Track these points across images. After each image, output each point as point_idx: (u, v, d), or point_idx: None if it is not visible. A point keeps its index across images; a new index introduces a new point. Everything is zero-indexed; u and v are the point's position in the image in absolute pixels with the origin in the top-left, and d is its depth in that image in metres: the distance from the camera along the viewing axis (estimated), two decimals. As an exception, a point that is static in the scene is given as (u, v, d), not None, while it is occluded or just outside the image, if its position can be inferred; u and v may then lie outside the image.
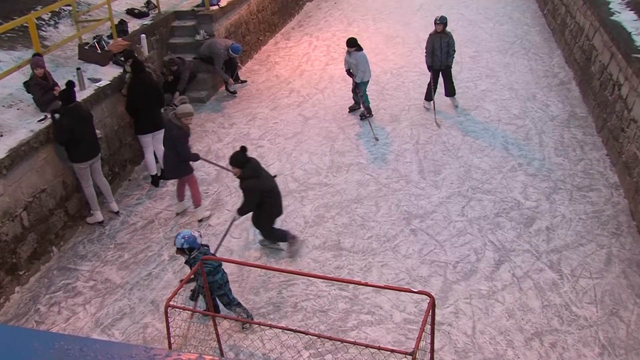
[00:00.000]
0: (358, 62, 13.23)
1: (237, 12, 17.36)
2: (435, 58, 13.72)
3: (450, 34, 13.79)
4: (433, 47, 13.67)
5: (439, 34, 13.65)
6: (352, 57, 13.32)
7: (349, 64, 13.45)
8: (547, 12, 20.83)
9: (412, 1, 23.61)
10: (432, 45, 13.68)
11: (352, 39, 13.49)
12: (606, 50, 12.93)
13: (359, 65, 13.24)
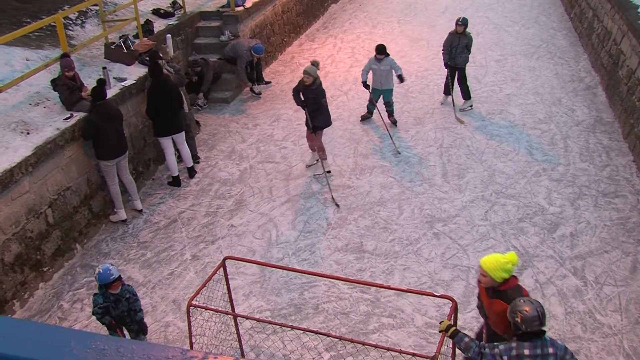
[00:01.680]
0: (392, 65, 12.98)
1: (262, 13, 17.41)
2: (451, 57, 13.97)
3: (469, 35, 13.85)
4: (450, 46, 13.92)
5: (458, 34, 13.81)
6: (384, 63, 12.96)
7: (378, 72, 13.05)
8: (573, 16, 20.67)
9: (437, 4, 23.55)
10: (450, 44, 13.92)
11: (383, 46, 13.08)
12: (634, 55, 12.81)
13: (395, 67, 12.97)
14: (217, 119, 14.48)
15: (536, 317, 5.25)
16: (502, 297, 5.88)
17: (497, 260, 5.87)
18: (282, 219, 10.56)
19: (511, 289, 5.87)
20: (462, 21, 13.76)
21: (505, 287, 5.90)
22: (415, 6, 23.32)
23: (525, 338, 5.27)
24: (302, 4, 20.71)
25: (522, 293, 5.79)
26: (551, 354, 5.23)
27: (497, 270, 5.84)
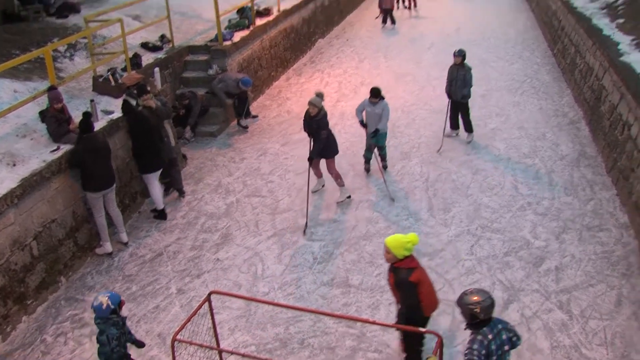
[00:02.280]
0: (384, 111, 12.43)
1: (250, 48, 17.53)
2: (451, 89, 14.09)
3: (468, 67, 13.96)
4: (451, 78, 14.06)
5: (456, 66, 13.95)
6: (378, 106, 12.37)
7: (372, 115, 12.50)
8: (556, 52, 20.94)
9: (424, 39, 23.83)
10: (450, 75, 14.07)
11: (378, 89, 12.48)
12: (616, 91, 12.96)
13: (384, 114, 12.45)
14: (204, 153, 14.47)
15: (491, 304, 5.83)
16: (394, 272, 7.02)
17: (400, 240, 6.91)
18: (268, 253, 10.51)
19: (404, 268, 6.95)
20: (458, 52, 13.96)
21: (400, 264, 6.96)
22: (401, 42, 23.58)
23: (482, 325, 5.85)
24: (290, 38, 20.88)
25: (410, 273, 6.90)
26: (501, 329, 5.96)
27: (399, 249, 6.88)
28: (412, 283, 6.91)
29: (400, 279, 6.95)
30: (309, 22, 23.21)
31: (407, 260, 6.97)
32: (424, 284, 7.06)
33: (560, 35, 20.97)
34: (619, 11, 17.01)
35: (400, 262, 6.95)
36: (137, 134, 11.21)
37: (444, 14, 28.99)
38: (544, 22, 25.36)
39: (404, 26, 26.61)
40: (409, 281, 6.90)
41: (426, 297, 7.10)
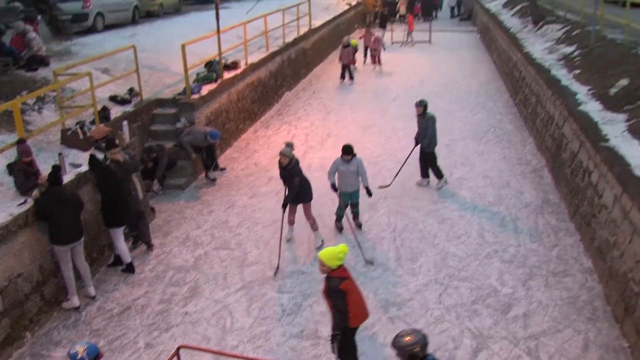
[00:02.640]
0: (360, 167, 12.32)
1: (218, 101, 17.63)
2: (418, 137, 14.62)
3: (429, 117, 14.43)
4: (418, 129, 14.59)
5: (419, 116, 14.44)
6: (353, 164, 12.25)
7: (347, 173, 12.33)
8: (518, 102, 21.39)
9: (388, 91, 24.20)
10: (418, 125, 14.65)
11: (350, 147, 12.31)
12: (575, 139, 13.25)
13: (361, 170, 12.36)
14: (172, 206, 14.41)
15: (426, 341, 5.97)
16: (327, 280, 7.70)
17: (332, 251, 7.65)
18: (237, 306, 10.41)
19: (337, 277, 7.63)
20: (419, 102, 14.49)
21: (333, 274, 7.65)
22: (366, 94, 23.91)
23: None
24: (257, 91, 21.07)
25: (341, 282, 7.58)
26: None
27: (332, 259, 7.61)
28: (342, 291, 7.58)
29: (331, 286, 7.63)
30: (276, 75, 23.48)
31: (340, 270, 7.69)
32: (352, 293, 7.73)
33: (521, 85, 21.45)
34: (576, 62, 17.51)
35: (334, 272, 7.65)
36: (104, 188, 11.15)
37: (408, 66, 29.50)
38: (505, 73, 25.94)
39: (369, 79, 27.03)
40: (339, 289, 7.57)
41: (354, 306, 7.75)
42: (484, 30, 37.89)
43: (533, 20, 26.34)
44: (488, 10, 38.02)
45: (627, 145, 10.90)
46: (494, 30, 32.69)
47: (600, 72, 15.51)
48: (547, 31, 23.42)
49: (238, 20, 22.20)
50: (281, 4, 29.90)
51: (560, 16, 25.10)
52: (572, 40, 20.14)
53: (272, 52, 23.34)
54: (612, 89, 13.88)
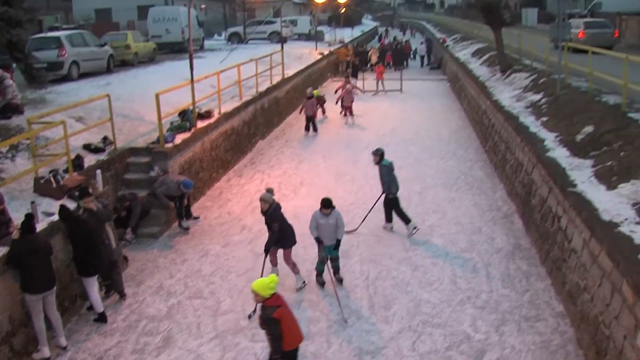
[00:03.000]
0: (339, 220, 12.12)
1: (191, 150, 17.65)
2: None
3: (386, 164, 14.80)
4: None
5: (377, 164, 14.93)
6: (332, 217, 12.06)
7: (326, 226, 12.10)
8: (488, 149, 21.66)
9: (360, 140, 24.39)
10: None
11: (329, 200, 12.14)
12: (544, 185, 13.44)
13: (340, 223, 12.17)
14: (145, 255, 14.27)
15: None
16: (262, 310, 8.21)
17: (263, 282, 8.18)
18: (210, 355, 10.26)
19: (270, 306, 8.08)
20: (374, 151, 14.90)
21: (267, 302, 8.11)
22: (339, 142, 24.07)
23: None
24: (230, 140, 21.13)
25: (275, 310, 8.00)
26: None
27: (264, 289, 8.09)
28: (276, 319, 8.02)
29: (266, 315, 8.09)
30: (249, 124, 23.61)
31: (273, 299, 8.13)
32: (286, 320, 8.15)
33: (490, 132, 21.76)
34: (543, 110, 17.87)
35: (268, 301, 8.10)
36: (77, 237, 11.05)
37: (380, 115, 29.86)
38: (475, 120, 26.34)
39: (341, 128, 27.25)
40: (272, 317, 8.01)
41: (288, 332, 8.17)
42: (454, 79, 38.55)
43: (501, 69, 26.94)
44: (457, 59, 38.78)
45: (594, 190, 11.09)
46: (464, 79, 33.30)
47: (566, 119, 15.84)
48: (515, 79, 23.93)
49: (212, 69, 22.41)
50: (254, 54, 30.27)
51: (527, 65, 25.68)
52: (538, 88, 20.59)
53: (246, 101, 23.55)
54: (578, 136, 14.17)
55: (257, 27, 48.41)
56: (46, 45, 23.79)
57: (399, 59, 48.98)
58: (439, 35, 65.78)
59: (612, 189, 10.86)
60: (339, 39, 57.37)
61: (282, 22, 41.37)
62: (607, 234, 9.29)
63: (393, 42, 57.46)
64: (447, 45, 50.66)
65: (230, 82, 23.41)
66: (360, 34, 76.10)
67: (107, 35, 31.83)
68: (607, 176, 11.47)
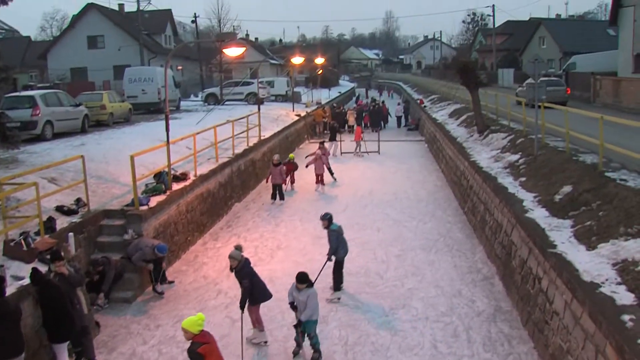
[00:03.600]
0: (309, 300, 11.68)
1: (167, 212, 17.59)
2: None
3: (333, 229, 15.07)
4: None
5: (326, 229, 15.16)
6: (302, 294, 11.73)
7: (297, 300, 11.87)
8: (467, 210, 21.81)
9: (338, 202, 24.48)
10: None
11: (304, 275, 11.80)
12: (524, 246, 13.53)
13: (309, 304, 11.75)
14: (118, 320, 14.06)
15: None
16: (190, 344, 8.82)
17: (192, 320, 8.91)
18: None
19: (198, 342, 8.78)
20: (322, 216, 15.23)
21: (196, 339, 8.82)
22: (317, 204, 24.09)
23: None
24: (207, 203, 21.11)
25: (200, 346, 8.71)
26: None
27: (193, 326, 8.85)
28: (200, 354, 8.66)
29: (192, 349, 8.72)
30: (225, 187, 23.64)
31: (201, 336, 8.85)
32: (211, 357, 8.80)
33: (469, 193, 21.96)
34: (521, 170, 18.12)
35: (196, 337, 8.80)
36: (47, 302, 10.90)
37: (358, 176, 30.05)
38: (453, 181, 26.58)
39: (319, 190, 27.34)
40: (197, 352, 8.65)
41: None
42: (432, 140, 39.03)
43: (478, 129, 27.38)
44: (435, 120, 39.35)
45: (574, 251, 11.20)
46: (441, 140, 33.73)
47: (544, 179, 16.07)
48: (492, 140, 24.30)
49: (188, 130, 22.57)
50: (231, 115, 30.57)
51: (505, 125, 26.09)
52: (516, 148, 20.92)
53: (222, 163, 23.63)
54: (556, 196, 14.35)
55: (234, 88, 49.06)
56: (20, 104, 23.88)
57: (377, 120, 49.60)
58: (417, 96, 66.94)
59: (592, 249, 10.99)
60: (316, 100, 58.12)
61: (259, 83, 41.87)
62: (588, 295, 9.36)
63: (370, 103, 58.24)
64: (425, 106, 51.47)
65: (207, 143, 23.54)
66: (338, 95, 77.15)
67: (82, 94, 32.06)
68: (586, 236, 11.61)
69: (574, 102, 34.52)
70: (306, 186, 27.67)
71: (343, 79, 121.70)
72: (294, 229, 20.82)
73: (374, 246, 18.31)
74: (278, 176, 24.92)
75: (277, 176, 24.92)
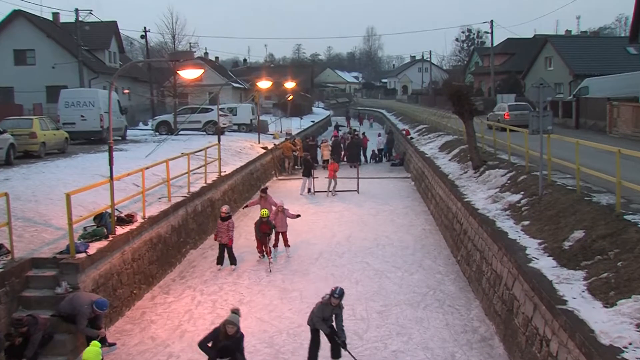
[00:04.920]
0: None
1: (109, 261, 17.29)
2: None
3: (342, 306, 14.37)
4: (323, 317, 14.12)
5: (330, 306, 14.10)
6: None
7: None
8: (460, 259, 21.75)
9: (311, 249, 24.29)
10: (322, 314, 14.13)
11: None
12: (528, 301, 13.41)
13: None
14: (47, 391, 13.71)
15: None
16: None
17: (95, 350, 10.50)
18: None
19: None
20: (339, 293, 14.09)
21: None
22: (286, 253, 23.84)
23: None
24: (156, 250, 20.85)
25: None
26: None
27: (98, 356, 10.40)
28: None
29: None
30: (179, 231, 23.40)
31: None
32: None
33: (463, 239, 21.92)
34: (524, 212, 18.09)
35: None
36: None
37: (333, 220, 29.92)
38: (444, 225, 26.57)
39: (289, 234, 27.04)
40: None
41: None
42: (419, 177, 39.15)
43: (473, 165, 27.45)
44: (423, 154, 39.48)
45: (588, 307, 11.09)
46: (430, 177, 33.83)
47: (551, 222, 16.03)
48: (490, 177, 24.36)
49: (135, 165, 22.41)
50: (186, 147, 30.44)
51: (504, 160, 26.19)
52: (518, 187, 20.95)
53: (175, 204, 23.40)
54: (565, 242, 14.29)
55: (190, 116, 48.90)
56: None
57: (355, 155, 49.60)
58: (402, 126, 67.34)
59: (611, 306, 10.89)
60: (286, 131, 58.23)
61: (219, 110, 41.81)
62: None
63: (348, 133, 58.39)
64: (412, 138, 51.73)
65: (158, 180, 23.34)
66: (311, 125, 77.48)
67: (7, 120, 31.70)
68: (603, 290, 11.52)
69: (586, 134, 34.70)
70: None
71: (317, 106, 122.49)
72: (259, 281, 20.57)
73: (352, 301, 18.09)
74: (225, 233, 22.34)
75: (224, 233, 22.36)
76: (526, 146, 22.69)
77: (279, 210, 24.07)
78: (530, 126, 18.60)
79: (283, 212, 24.00)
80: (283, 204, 24.61)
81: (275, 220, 23.44)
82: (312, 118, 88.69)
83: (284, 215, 23.98)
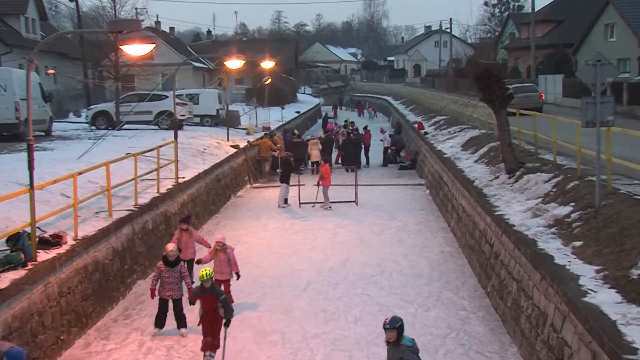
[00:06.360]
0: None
1: (27, 297, 17.03)
2: None
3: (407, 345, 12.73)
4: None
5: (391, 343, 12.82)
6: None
7: None
8: (491, 290, 21.57)
9: (296, 277, 24.14)
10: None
11: None
12: (584, 348, 13.20)
13: None
14: None
15: None
16: None
17: None
18: None
19: None
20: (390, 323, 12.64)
21: None
22: (264, 281, 23.71)
23: None
24: (92, 281, 20.62)
25: None
26: None
27: None
28: None
29: None
30: (122, 256, 23.19)
31: None
32: None
33: (494, 265, 21.75)
34: (575, 230, 17.87)
35: None
36: None
37: (325, 239, 29.79)
38: (469, 246, 26.43)
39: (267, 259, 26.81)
40: None
41: None
42: (436, 184, 39.07)
43: (507, 168, 27.25)
44: (441, 153, 39.26)
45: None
46: (451, 184, 33.70)
47: (613, 243, 15.84)
48: (529, 184, 24.20)
49: (65, 169, 22.15)
50: (133, 146, 30.28)
51: (548, 161, 25.99)
52: (567, 196, 20.77)
53: (118, 220, 23.17)
54: (633, 270, 14.08)
55: (137, 105, 48.50)
56: None
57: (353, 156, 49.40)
58: (413, 117, 67.26)
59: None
60: (263, 124, 58.03)
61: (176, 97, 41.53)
62: None
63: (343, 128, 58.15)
64: (426, 133, 51.55)
65: (95, 189, 23.13)
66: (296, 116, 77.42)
67: None
68: (685, 333, 11.37)
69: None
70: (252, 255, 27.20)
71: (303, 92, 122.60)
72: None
73: (349, 346, 17.95)
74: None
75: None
76: (578, 143, 22.48)
77: (216, 249, 21.08)
78: (584, 117, 18.23)
79: (224, 252, 21.05)
80: (224, 238, 21.54)
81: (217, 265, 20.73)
82: (296, 107, 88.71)
83: (225, 256, 21.05)
